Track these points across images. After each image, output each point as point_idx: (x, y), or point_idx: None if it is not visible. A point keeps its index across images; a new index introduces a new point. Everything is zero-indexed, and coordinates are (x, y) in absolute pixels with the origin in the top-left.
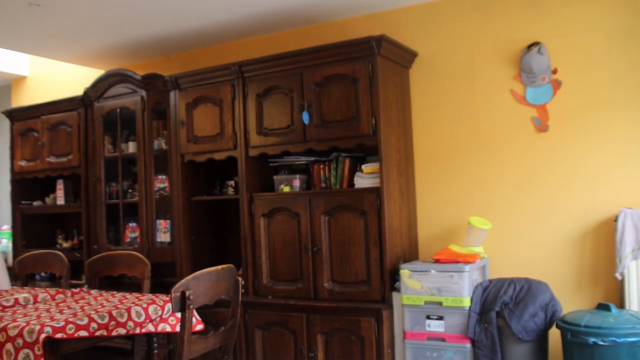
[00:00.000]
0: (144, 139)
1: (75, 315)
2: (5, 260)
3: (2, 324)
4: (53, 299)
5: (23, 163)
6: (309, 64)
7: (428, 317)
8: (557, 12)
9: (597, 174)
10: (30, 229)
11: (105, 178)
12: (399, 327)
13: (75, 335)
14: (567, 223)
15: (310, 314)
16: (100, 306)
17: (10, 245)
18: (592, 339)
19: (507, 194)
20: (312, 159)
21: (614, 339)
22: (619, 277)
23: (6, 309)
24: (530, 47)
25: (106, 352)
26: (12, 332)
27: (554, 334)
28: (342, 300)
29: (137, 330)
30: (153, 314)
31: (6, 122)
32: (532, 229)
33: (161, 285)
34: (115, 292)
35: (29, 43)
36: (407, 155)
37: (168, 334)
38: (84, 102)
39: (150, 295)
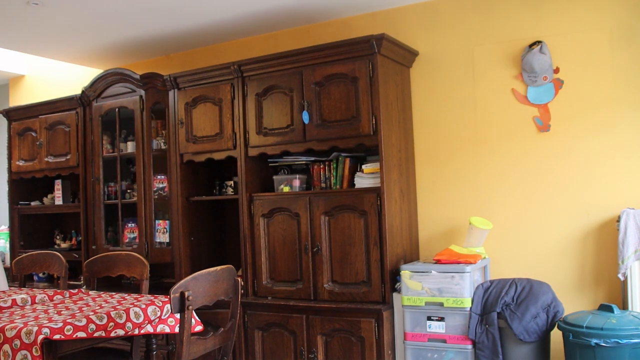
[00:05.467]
0: (143, 139)
1: (73, 316)
2: (3, 261)
3: (0, 325)
4: (51, 299)
5: (21, 163)
6: (309, 63)
7: (429, 318)
8: (559, 11)
9: (599, 173)
10: (28, 230)
11: (103, 178)
12: (399, 328)
13: (74, 336)
14: (569, 223)
15: (310, 314)
16: (98, 307)
17: (7, 245)
18: (594, 341)
19: (508, 194)
20: (312, 159)
21: (616, 340)
22: (622, 278)
23: (4, 310)
24: (531, 46)
25: (105, 353)
26: (10, 334)
27: (556, 335)
28: (342, 301)
29: (136, 331)
30: (152, 315)
31: (4, 122)
32: (534, 229)
33: (160, 286)
34: (113, 293)
35: (27, 42)
36: (407, 155)
37: (167, 335)
38: (82, 101)
39: (149, 296)
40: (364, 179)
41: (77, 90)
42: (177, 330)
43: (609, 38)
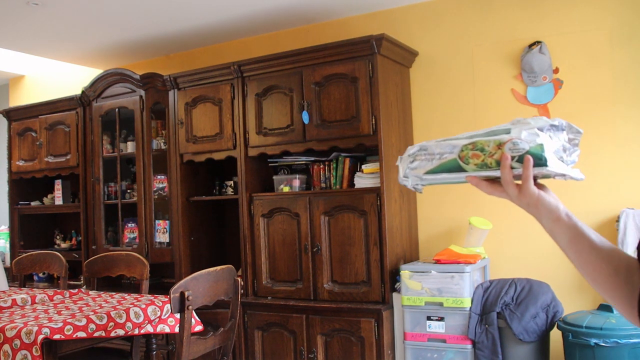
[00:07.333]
0: (143, 139)
1: (73, 316)
2: (3, 261)
3: (0, 325)
4: (51, 299)
5: (21, 163)
6: (309, 63)
7: (428, 318)
8: (558, 11)
9: (598, 174)
10: (28, 230)
11: (103, 178)
12: (399, 328)
13: (74, 336)
14: None
15: (310, 314)
16: (98, 307)
17: (7, 245)
18: (593, 340)
19: None
20: (312, 159)
21: (615, 340)
22: None
23: (4, 310)
24: (531, 46)
25: (105, 353)
26: (10, 334)
27: (555, 335)
28: (342, 301)
29: (136, 331)
30: (152, 314)
31: (4, 122)
32: (533, 229)
33: (160, 286)
34: (113, 293)
35: (27, 42)
36: None
37: (167, 334)
38: (82, 101)
39: (149, 296)
40: (364, 179)
41: (77, 90)
42: (177, 330)
43: (608, 38)
